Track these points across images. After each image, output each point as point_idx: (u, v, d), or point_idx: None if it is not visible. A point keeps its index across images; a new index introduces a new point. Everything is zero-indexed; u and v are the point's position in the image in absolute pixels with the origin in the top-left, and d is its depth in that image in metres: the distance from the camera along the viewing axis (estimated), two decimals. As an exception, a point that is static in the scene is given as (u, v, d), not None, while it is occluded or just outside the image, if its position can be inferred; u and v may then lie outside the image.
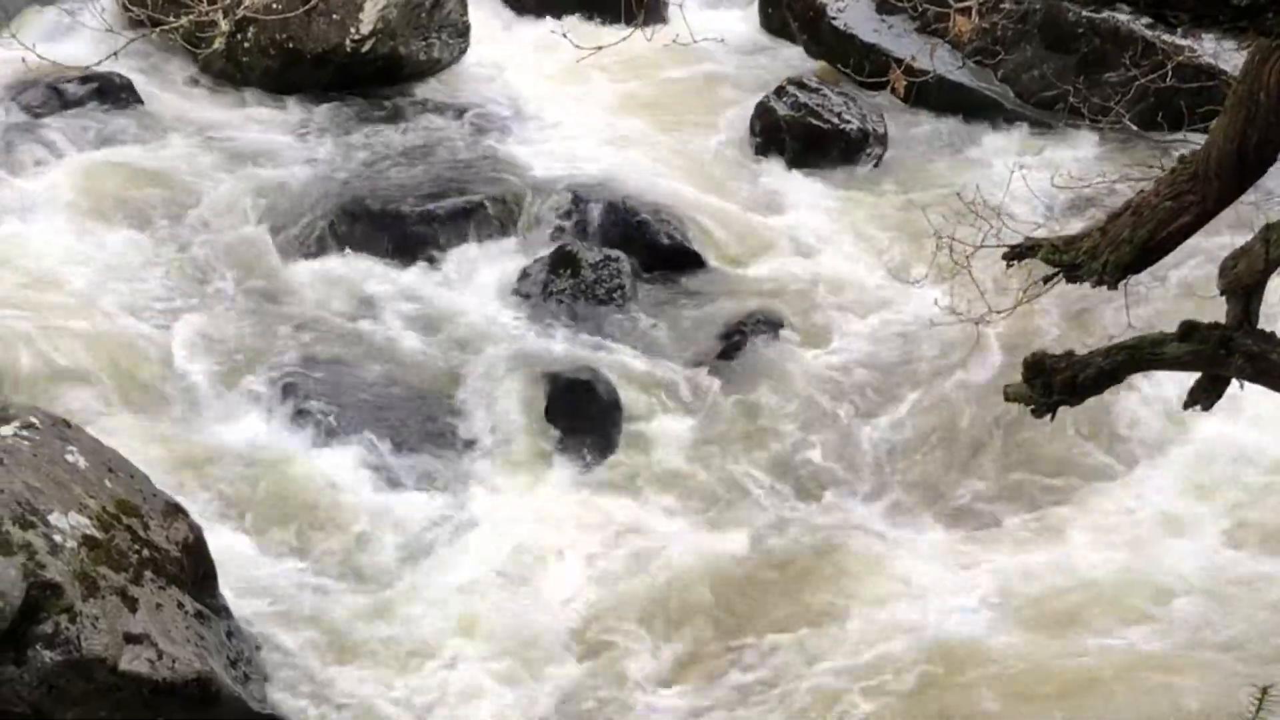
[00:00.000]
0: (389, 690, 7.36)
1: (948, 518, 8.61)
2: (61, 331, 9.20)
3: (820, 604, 7.89)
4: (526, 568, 8.09)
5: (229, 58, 12.19)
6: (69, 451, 7.06)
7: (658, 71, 12.78)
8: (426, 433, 8.94)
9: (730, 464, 8.94)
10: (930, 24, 12.21)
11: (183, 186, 10.92)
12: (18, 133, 11.27)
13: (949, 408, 9.23)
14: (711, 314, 10.08)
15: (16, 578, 6.46)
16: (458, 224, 10.68)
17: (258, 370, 9.20)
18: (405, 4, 12.50)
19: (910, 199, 10.83)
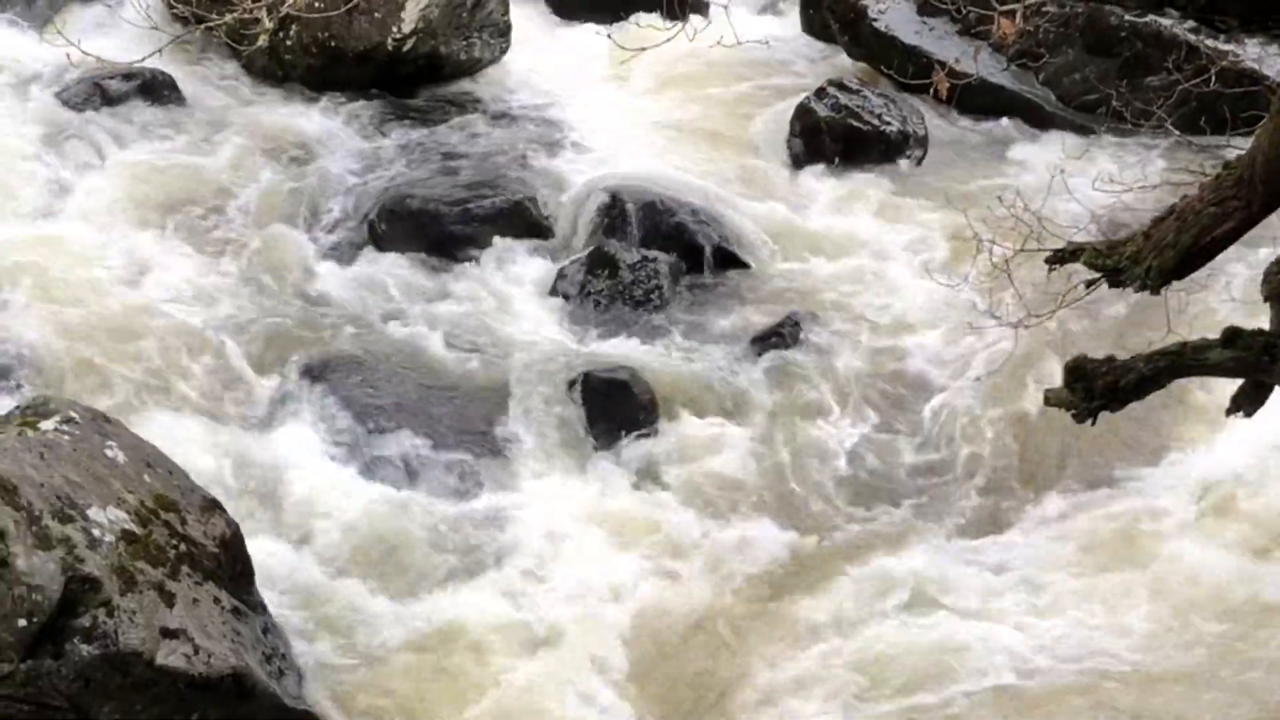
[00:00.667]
0: (423, 691, 7.36)
1: (985, 521, 8.57)
2: (102, 327, 9.26)
3: (859, 607, 7.86)
4: (563, 568, 8.08)
5: (271, 55, 12.23)
6: (108, 446, 7.09)
7: (698, 73, 12.76)
8: (463, 432, 8.95)
9: (767, 466, 8.92)
10: (972, 27, 12.17)
11: (223, 184, 10.97)
12: (61, 129, 11.35)
13: (987, 412, 9.18)
14: (749, 315, 10.06)
15: (55, 572, 6.49)
16: (496, 224, 10.69)
17: (296, 368, 9.22)
18: (446, 3, 12.52)
19: (950, 201, 10.76)
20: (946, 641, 7.57)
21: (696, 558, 8.21)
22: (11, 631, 6.43)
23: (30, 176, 10.89)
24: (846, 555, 8.24)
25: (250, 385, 9.14)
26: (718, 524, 8.48)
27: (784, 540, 8.37)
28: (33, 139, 11.24)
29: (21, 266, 9.80)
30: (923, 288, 10.14)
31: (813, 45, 13.70)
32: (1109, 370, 5.98)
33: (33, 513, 6.56)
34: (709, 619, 7.87)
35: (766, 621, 7.84)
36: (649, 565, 8.15)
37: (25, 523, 6.52)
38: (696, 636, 7.77)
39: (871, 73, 12.88)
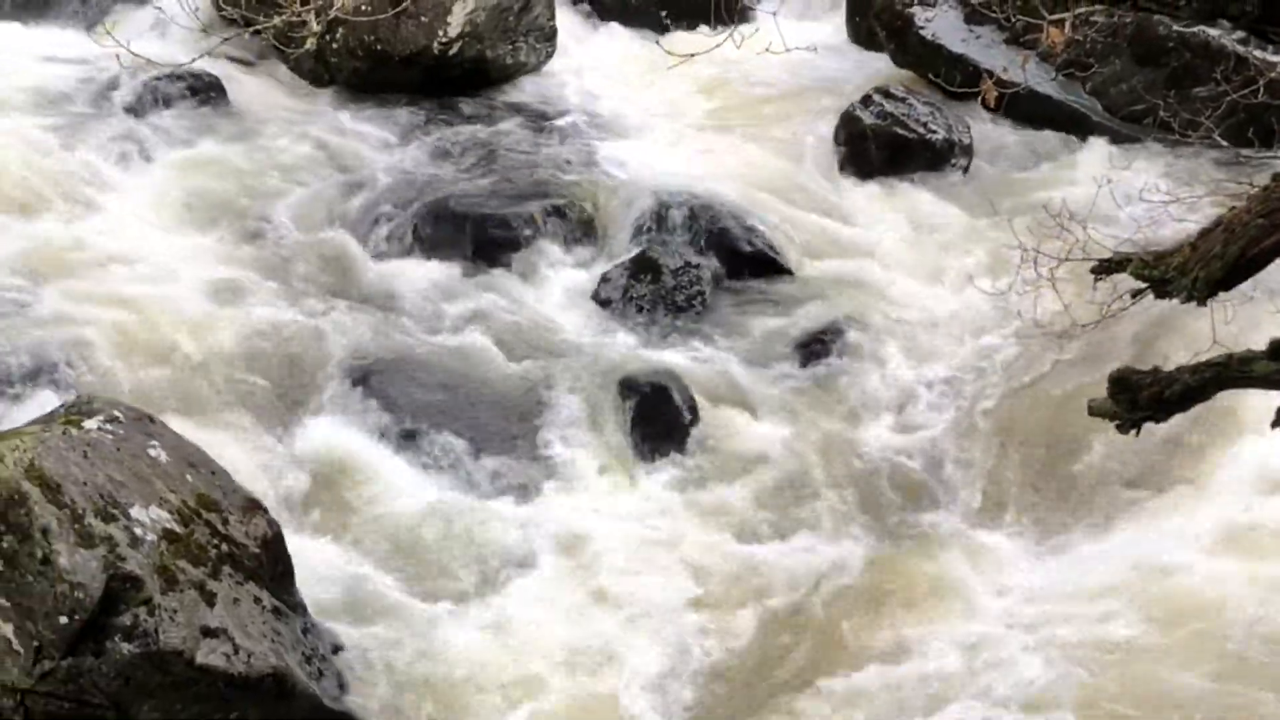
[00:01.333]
0: (463, 694, 7.36)
1: (1030, 531, 8.53)
2: (146, 327, 9.30)
3: (898, 614, 7.83)
4: (602, 574, 8.08)
5: (318, 58, 12.28)
6: (151, 446, 7.11)
7: (743, 79, 12.76)
8: (504, 436, 8.95)
9: (808, 473, 8.90)
10: (1020, 35, 12.12)
11: (269, 186, 11.02)
12: (109, 129, 11.43)
13: (1031, 422, 9.14)
14: (791, 322, 10.04)
15: (97, 570, 6.52)
16: (539, 228, 10.70)
17: (339, 370, 9.25)
18: (493, 8, 12.54)
19: (995, 210, 10.75)
20: (990, 653, 7.53)
21: (737, 565, 8.19)
22: (53, 629, 6.47)
23: (77, 176, 10.97)
24: (889, 563, 8.20)
25: (293, 386, 9.17)
26: (758, 531, 8.47)
27: (824, 548, 8.34)
28: (81, 139, 11.31)
29: (68, 266, 9.87)
30: (967, 297, 10.11)
31: (858, 53, 13.68)
32: (1154, 381, 5.95)
33: (75, 511, 6.60)
34: (750, 626, 7.85)
35: (808, 629, 7.81)
36: (689, 571, 8.14)
37: (68, 521, 6.55)
38: (737, 643, 7.75)
39: (917, 81, 12.85)
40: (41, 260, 9.92)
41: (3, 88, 11.87)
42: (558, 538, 8.29)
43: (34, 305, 9.48)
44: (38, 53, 12.50)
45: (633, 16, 14.16)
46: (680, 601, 7.93)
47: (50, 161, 11.04)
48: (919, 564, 8.17)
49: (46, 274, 9.77)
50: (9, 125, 11.34)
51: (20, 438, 6.78)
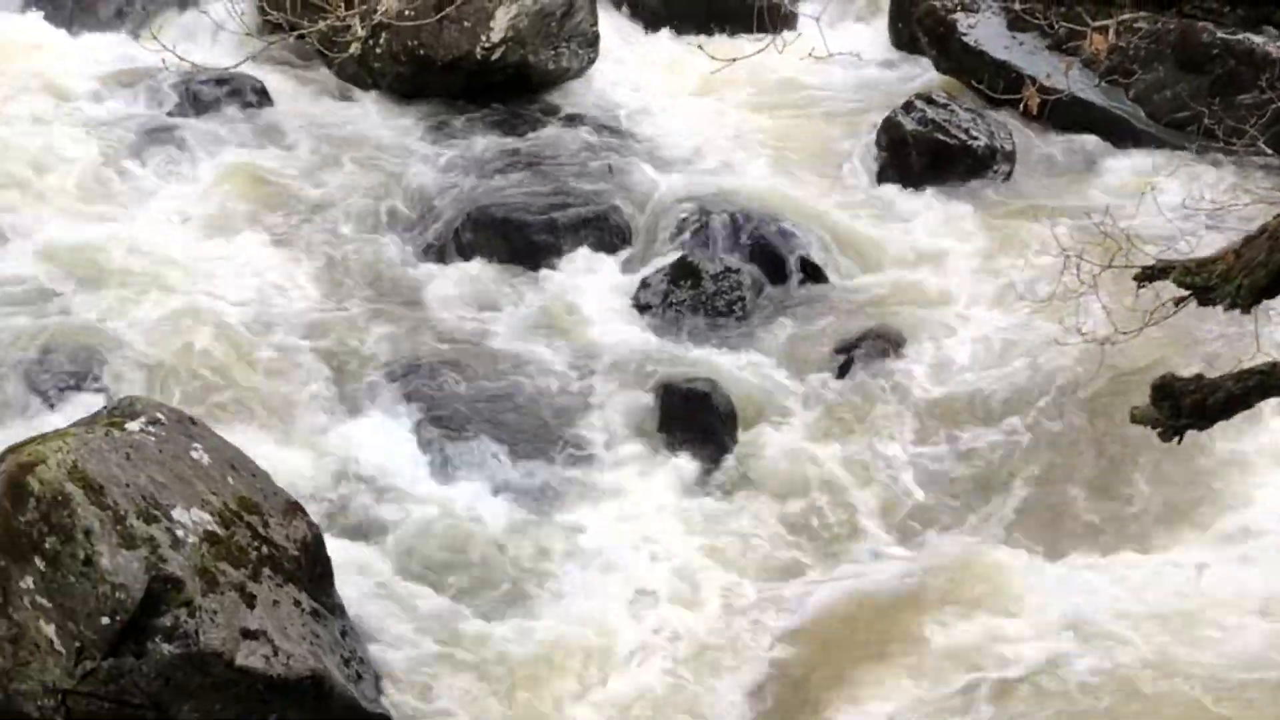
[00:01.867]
0: (499, 697, 7.37)
1: (1070, 540, 8.48)
2: (189, 329, 9.35)
3: (936, 628, 7.79)
4: (637, 579, 8.07)
5: (361, 63, 12.31)
6: (193, 448, 7.14)
7: (784, 85, 12.74)
8: (542, 440, 8.96)
9: (846, 480, 8.88)
10: (1063, 42, 12.08)
11: (311, 189, 11.06)
12: (153, 133, 11.48)
13: (1072, 429, 9.09)
14: (831, 328, 10.01)
15: (139, 571, 6.55)
16: (580, 233, 10.71)
17: (379, 374, 9.28)
18: (536, 13, 12.55)
19: (1037, 217, 10.71)
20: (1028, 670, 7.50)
21: (772, 572, 8.18)
22: (95, 629, 6.51)
23: (121, 179, 11.04)
24: (926, 574, 8.16)
25: (333, 389, 9.19)
26: (795, 539, 8.45)
27: (860, 559, 8.31)
28: (125, 142, 11.38)
29: (111, 268, 9.93)
30: (1008, 304, 10.07)
31: (901, 58, 13.64)
32: (1197, 389, 5.93)
33: (118, 512, 6.63)
34: (784, 635, 7.82)
35: (843, 641, 7.78)
36: (725, 577, 8.13)
37: (110, 522, 6.59)
38: (771, 653, 7.73)
39: (959, 87, 12.81)
40: (85, 262, 9.98)
41: (49, 91, 11.95)
42: (595, 543, 8.29)
43: (78, 307, 9.54)
44: (83, 57, 12.56)
45: (676, 22, 14.14)
46: (715, 609, 7.92)
47: (95, 164, 11.12)
48: (956, 577, 8.13)
49: (90, 276, 9.84)
50: (55, 128, 11.41)
51: (63, 439, 6.82)
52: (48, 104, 11.77)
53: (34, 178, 10.86)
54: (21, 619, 6.59)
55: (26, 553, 6.55)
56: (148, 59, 11.93)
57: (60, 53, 12.61)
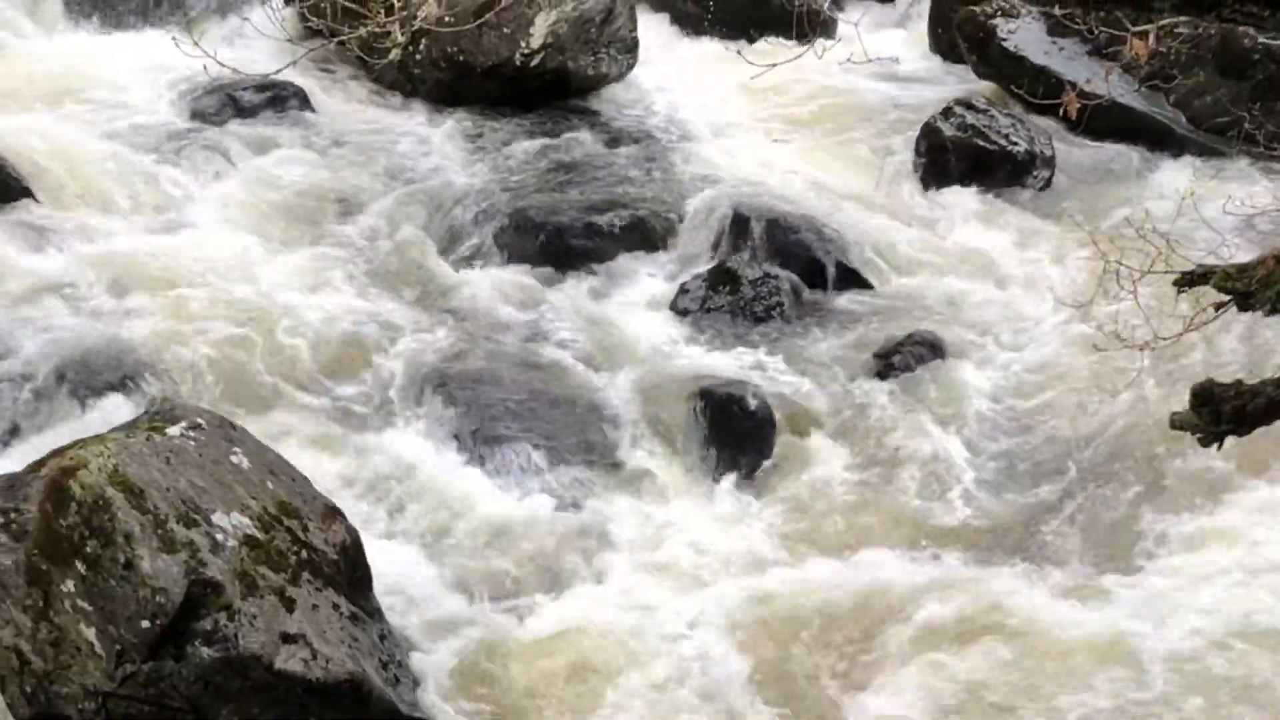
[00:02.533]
0: (538, 701, 7.36)
1: (1111, 544, 8.44)
2: (229, 334, 9.38)
3: (974, 634, 7.76)
4: (675, 584, 8.07)
5: (400, 69, 12.35)
6: (233, 452, 7.16)
7: (823, 90, 12.74)
8: (580, 444, 8.97)
9: (887, 488, 8.85)
10: (1103, 48, 12.06)
11: (351, 194, 11.10)
12: (194, 139, 11.55)
13: (1112, 434, 9.06)
14: (870, 333, 10.00)
15: (178, 575, 6.58)
16: (619, 238, 10.72)
17: (419, 377, 9.29)
18: (575, 19, 12.57)
19: (1077, 222, 10.66)
20: (1065, 672, 7.46)
21: (808, 578, 8.15)
22: (135, 633, 6.53)
23: (162, 184, 11.10)
24: (966, 580, 8.13)
25: (372, 393, 9.22)
26: (831, 545, 8.41)
27: (899, 565, 8.27)
28: (166, 147, 11.44)
29: (153, 273, 9.98)
30: (1047, 308, 10.04)
31: (940, 64, 13.64)
32: (1237, 394, 5.89)
33: (158, 516, 6.65)
34: (820, 641, 7.79)
35: (879, 647, 7.75)
36: (761, 582, 8.10)
37: (151, 526, 6.61)
38: (806, 659, 7.70)
39: (999, 93, 12.79)
40: (126, 267, 10.04)
41: (90, 96, 12.03)
42: (631, 547, 8.29)
43: (117, 312, 9.59)
44: (126, 63, 12.64)
45: (715, 27, 14.17)
46: (751, 614, 7.89)
47: (136, 169, 11.18)
48: (995, 583, 8.09)
49: (130, 281, 9.89)
50: (97, 133, 11.49)
51: (105, 444, 6.85)
52: (90, 109, 11.86)
53: (76, 182, 10.93)
54: (62, 622, 6.62)
55: (68, 556, 6.58)
56: (190, 65, 11.96)
57: (103, 59, 12.70)
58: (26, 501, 6.74)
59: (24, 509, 6.73)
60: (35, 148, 11.06)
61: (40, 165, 10.94)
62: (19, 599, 6.66)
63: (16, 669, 6.76)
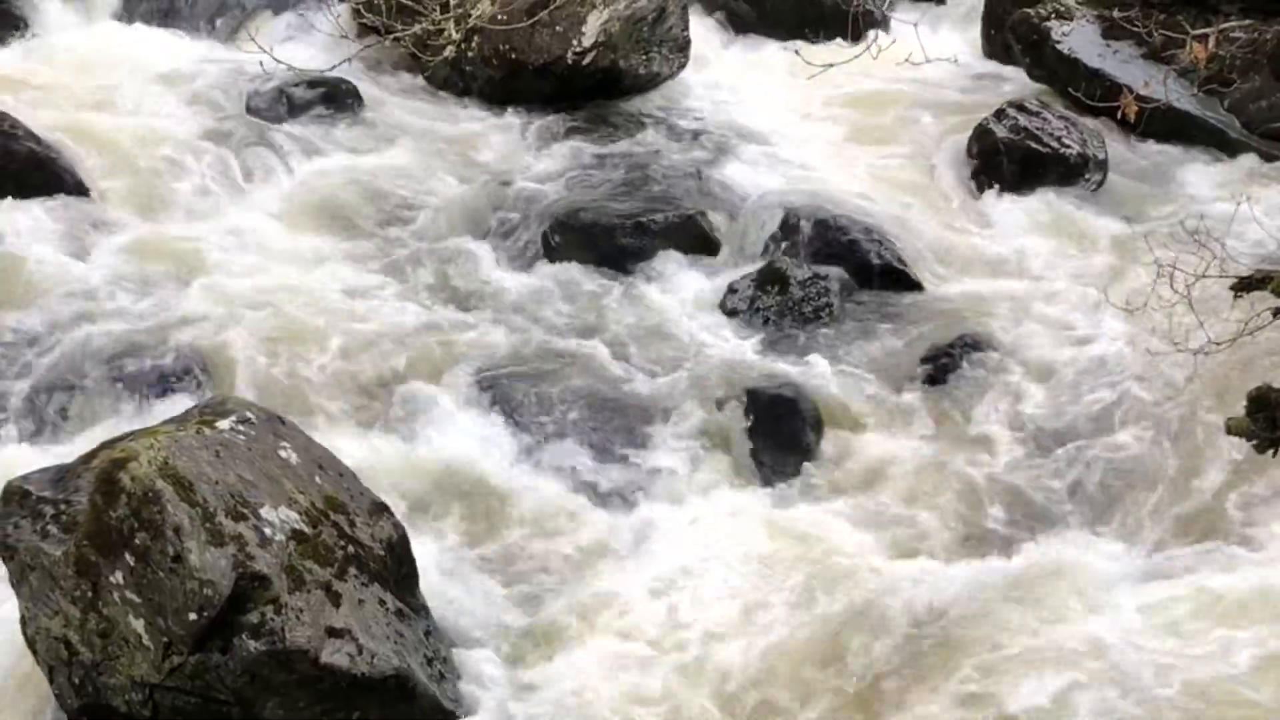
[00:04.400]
0: (582, 700, 7.36)
1: (1162, 550, 8.37)
2: (279, 329, 9.42)
3: (1019, 637, 7.70)
4: (721, 585, 8.04)
5: (453, 67, 12.38)
6: (282, 447, 7.19)
7: (876, 91, 12.69)
8: (627, 444, 8.97)
9: (932, 488, 8.81)
10: (1158, 51, 11.98)
11: (402, 192, 11.13)
12: (247, 134, 11.60)
13: (1165, 439, 8.98)
14: (919, 335, 9.95)
15: (226, 568, 6.60)
16: (668, 237, 10.71)
17: (466, 374, 9.31)
18: (628, 18, 12.57)
19: (1130, 226, 10.61)
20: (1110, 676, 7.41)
21: (856, 581, 8.10)
22: (182, 625, 6.56)
23: (214, 179, 11.16)
24: (1010, 584, 8.06)
25: (421, 389, 9.23)
26: (878, 548, 8.36)
27: (944, 568, 8.22)
28: (218, 143, 11.50)
29: (205, 269, 10.04)
30: (1099, 312, 9.97)
31: (993, 66, 13.58)
32: (1293, 401, 5.85)
33: (207, 510, 6.68)
34: (867, 644, 7.75)
35: (924, 649, 7.70)
36: (807, 585, 8.07)
37: (200, 519, 6.64)
38: (854, 662, 7.64)
39: (1052, 95, 12.72)
40: (181, 261, 10.10)
41: (144, 92, 12.10)
42: (678, 545, 8.27)
43: (169, 307, 9.65)
44: (181, 58, 12.72)
45: (766, 27, 14.15)
46: (797, 616, 7.87)
47: (187, 164, 11.24)
48: (1043, 586, 8.02)
49: (185, 275, 9.95)
50: (146, 127, 11.56)
51: (155, 437, 6.88)
52: (145, 105, 11.94)
53: (127, 176, 11.00)
54: (111, 614, 6.66)
55: (117, 548, 6.62)
56: (243, 61, 12.09)
57: (159, 54, 12.77)
58: (77, 493, 6.78)
59: (74, 500, 6.77)
60: (87, 142, 11.15)
61: (92, 159, 11.02)
62: (68, 590, 6.70)
63: (65, 660, 6.81)
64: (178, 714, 6.75)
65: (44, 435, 8.79)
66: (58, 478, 6.97)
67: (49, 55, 12.71)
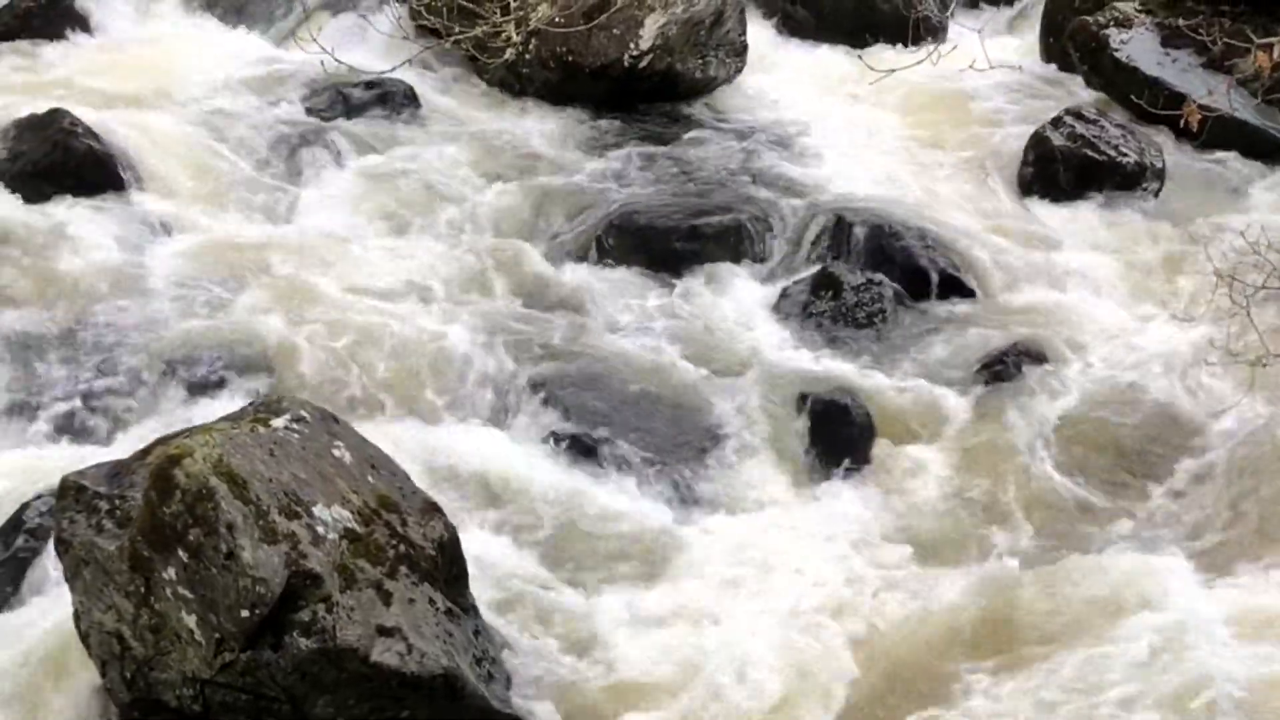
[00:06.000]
0: (630, 702, 7.36)
1: (1218, 564, 8.31)
2: (332, 328, 9.45)
3: (1071, 644, 7.66)
4: (773, 587, 8.03)
5: (509, 69, 12.40)
6: (335, 446, 7.20)
7: (932, 97, 12.66)
8: (678, 446, 8.96)
9: (985, 497, 8.77)
10: (1218, 60, 11.91)
11: (457, 193, 11.16)
12: (303, 134, 11.65)
13: (1221, 450, 8.93)
14: (973, 342, 9.92)
15: (279, 566, 6.62)
16: (722, 241, 10.71)
17: (519, 375, 9.32)
18: (685, 22, 12.57)
19: (1187, 236, 10.54)
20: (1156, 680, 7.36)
21: (906, 586, 8.08)
22: (234, 622, 6.58)
23: (270, 178, 11.22)
24: (1061, 592, 8.02)
25: (473, 390, 9.26)
26: (929, 554, 8.34)
27: (996, 575, 8.18)
28: (275, 142, 11.56)
29: (260, 267, 10.09)
30: (1155, 322, 9.92)
31: (1051, 73, 13.51)
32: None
33: (260, 507, 6.70)
34: (917, 646, 7.73)
35: (977, 653, 7.67)
36: (857, 589, 8.05)
37: (253, 517, 6.66)
38: (903, 665, 7.62)
39: (1110, 103, 12.65)
40: (236, 259, 10.15)
41: (203, 90, 12.17)
42: (728, 549, 8.26)
43: (226, 305, 9.70)
44: (239, 57, 12.80)
45: (824, 32, 14.12)
46: (848, 619, 7.84)
47: (244, 163, 11.31)
48: (1094, 593, 7.98)
49: (240, 273, 10.00)
50: (203, 126, 11.62)
51: (210, 434, 6.91)
52: (204, 103, 12.00)
53: (184, 174, 11.06)
54: (163, 609, 6.69)
55: (171, 544, 6.64)
56: (302, 61, 12.14)
57: (218, 53, 12.84)
58: (132, 489, 6.82)
59: (129, 496, 6.81)
60: (144, 140, 11.21)
61: (148, 157, 11.07)
62: (122, 585, 6.74)
63: (117, 654, 6.85)
64: (228, 710, 6.77)
65: (100, 431, 8.85)
66: (113, 473, 7.01)
67: (109, 54, 12.81)
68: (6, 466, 8.51)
